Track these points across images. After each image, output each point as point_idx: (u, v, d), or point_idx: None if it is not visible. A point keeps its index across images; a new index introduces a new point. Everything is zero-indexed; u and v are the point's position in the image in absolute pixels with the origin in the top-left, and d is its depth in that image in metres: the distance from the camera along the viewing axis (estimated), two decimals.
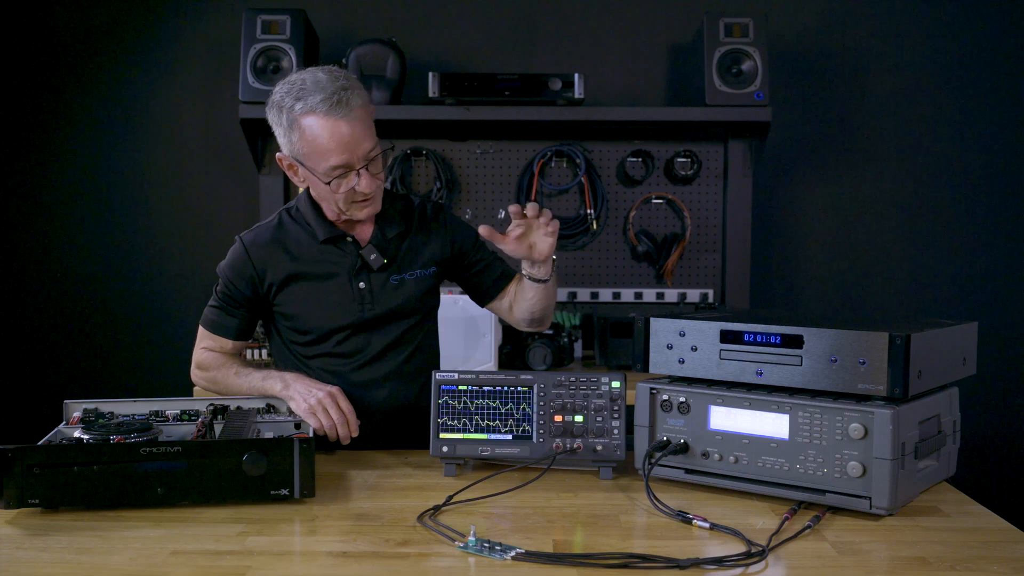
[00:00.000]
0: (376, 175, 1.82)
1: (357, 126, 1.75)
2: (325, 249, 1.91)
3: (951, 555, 1.28)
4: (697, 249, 3.44)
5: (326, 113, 1.73)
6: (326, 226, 1.91)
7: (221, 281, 1.95)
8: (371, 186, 1.80)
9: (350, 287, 1.91)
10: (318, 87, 1.74)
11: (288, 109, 1.76)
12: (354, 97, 1.75)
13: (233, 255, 1.94)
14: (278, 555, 1.29)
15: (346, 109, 1.73)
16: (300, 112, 1.75)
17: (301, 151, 1.79)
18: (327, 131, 1.74)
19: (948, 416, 1.58)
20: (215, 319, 1.97)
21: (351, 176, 1.78)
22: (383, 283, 1.93)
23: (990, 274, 3.48)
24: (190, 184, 3.47)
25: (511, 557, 1.26)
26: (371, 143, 1.78)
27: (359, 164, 1.78)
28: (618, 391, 1.65)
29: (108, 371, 3.47)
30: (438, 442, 1.66)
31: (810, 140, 3.49)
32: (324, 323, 1.92)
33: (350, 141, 1.75)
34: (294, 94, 1.76)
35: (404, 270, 1.95)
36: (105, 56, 3.45)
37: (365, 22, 3.44)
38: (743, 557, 1.26)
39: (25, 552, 1.30)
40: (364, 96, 1.79)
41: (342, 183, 1.79)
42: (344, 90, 1.74)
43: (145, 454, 1.44)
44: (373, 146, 1.79)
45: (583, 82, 3.14)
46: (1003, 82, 3.45)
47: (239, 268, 1.92)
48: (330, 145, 1.74)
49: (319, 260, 1.91)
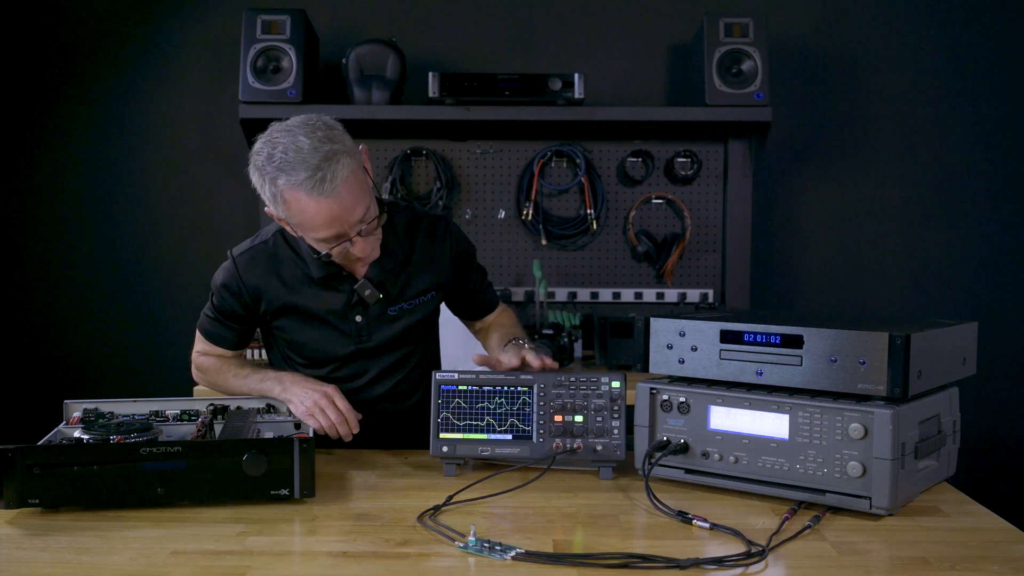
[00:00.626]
0: (371, 234, 1.72)
1: (346, 199, 1.64)
2: (320, 284, 1.85)
3: (951, 555, 1.28)
4: (697, 249, 3.44)
5: (310, 191, 1.61)
6: (321, 265, 1.81)
7: (216, 296, 1.91)
8: (366, 250, 1.72)
9: (346, 321, 1.88)
10: (300, 159, 1.61)
11: (271, 181, 1.65)
12: (339, 168, 1.62)
13: (226, 275, 1.88)
14: (278, 555, 1.29)
15: (331, 185, 1.61)
16: (284, 187, 1.63)
17: (293, 222, 1.71)
18: (313, 209, 1.63)
19: (948, 416, 1.58)
20: (211, 329, 1.95)
21: (344, 243, 1.70)
22: (380, 314, 1.89)
23: (990, 274, 3.48)
24: (190, 184, 3.47)
25: (511, 557, 1.26)
26: (362, 208, 1.67)
27: (352, 232, 1.68)
28: (618, 391, 1.65)
29: (108, 371, 3.47)
30: (438, 442, 1.66)
31: (810, 140, 3.49)
32: (320, 353, 1.90)
33: (339, 216, 1.65)
34: (276, 164, 1.63)
35: (403, 299, 1.90)
36: (105, 56, 3.45)
37: (365, 22, 3.44)
38: (743, 557, 1.26)
39: (25, 552, 1.30)
40: (351, 159, 1.65)
41: (339, 250, 1.72)
42: (328, 161, 1.61)
43: (145, 454, 1.44)
44: (365, 210, 1.68)
45: (583, 82, 3.14)
46: (1003, 82, 3.45)
47: (233, 289, 1.87)
48: (318, 221, 1.65)
49: (314, 295, 1.85)
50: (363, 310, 1.87)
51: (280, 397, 1.80)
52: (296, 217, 1.68)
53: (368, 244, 1.72)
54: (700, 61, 3.16)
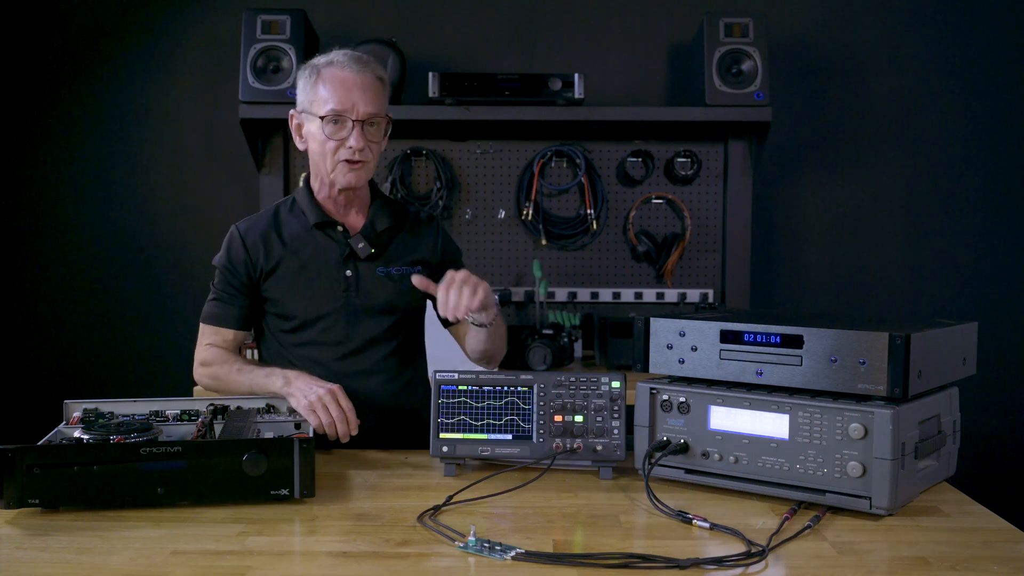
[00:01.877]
0: (371, 141, 1.90)
1: (366, 84, 1.88)
2: (316, 235, 1.99)
3: (951, 555, 1.28)
4: (697, 249, 3.44)
5: (342, 66, 1.89)
6: (319, 212, 1.99)
7: (218, 272, 2.01)
8: (361, 143, 1.88)
9: (337, 273, 1.97)
10: (347, 53, 1.92)
11: (315, 64, 1.92)
12: (374, 66, 1.91)
13: (229, 242, 2.01)
14: (278, 555, 1.29)
15: (361, 66, 1.89)
16: (323, 64, 1.90)
17: (311, 98, 1.90)
18: (337, 78, 1.88)
19: (948, 416, 1.58)
20: (215, 311, 2.01)
21: (344, 126, 1.88)
22: (370, 273, 1.98)
23: (990, 274, 3.48)
24: (190, 184, 3.47)
25: (511, 557, 1.26)
26: (374, 108, 1.89)
27: (355, 117, 1.87)
28: (618, 391, 1.65)
29: (108, 371, 3.47)
30: (438, 442, 1.66)
31: (810, 140, 3.49)
32: (309, 308, 1.97)
33: (353, 90, 1.86)
34: (323, 55, 1.93)
35: (391, 264, 2.01)
36: (105, 56, 3.45)
37: (365, 22, 3.44)
38: (743, 557, 1.26)
39: (25, 552, 1.30)
40: (384, 75, 1.94)
41: (336, 131, 1.88)
42: (367, 59, 1.92)
43: (145, 454, 1.44)
44: (376, 112, 1.89)
45: (583, 82, 3.14)
46: (1003, 82, 3.45)
47: (234, 253, 1.98)
48: (334, 88, 1.87)
49: (309, 245, 1.98)
50: (353, 264, 1.98)
51: (282, 391, 1.80)
52: (318, 91, 1.88)
53: (363, 139, 1.88)
54: (700, 61, 3.16)
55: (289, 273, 1.97)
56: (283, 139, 3.35)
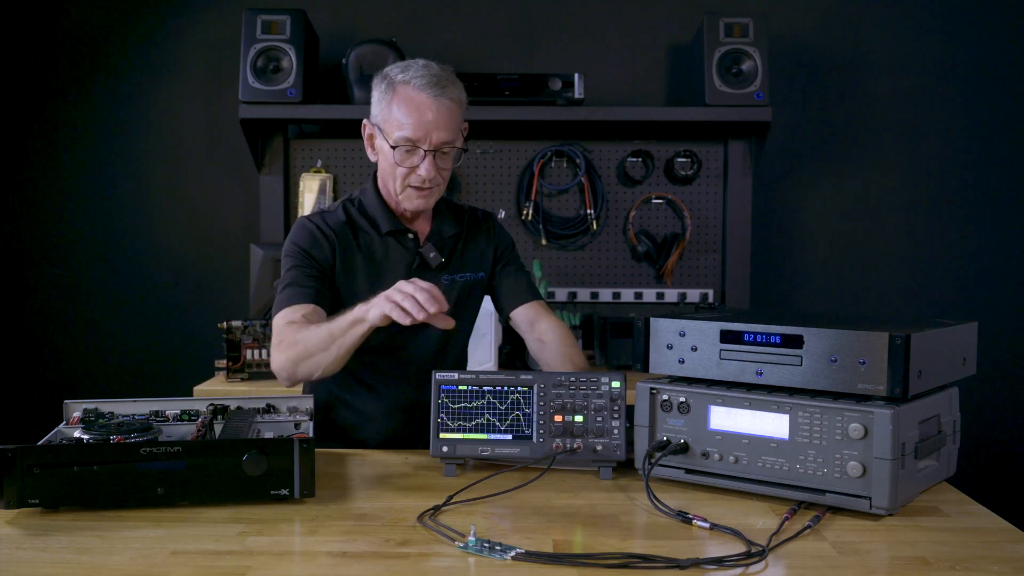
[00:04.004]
0: (441, 170, 1.87)
1: (442, 111, 1.82)
2: (386, 242, 1.95)
3: (951, 555, 1.28)
4: (697, 249, 3.44)
5: (420, 88, 1.81)
6: (391, 219, 1.95)
7: (294, 258, 1.90)
8: (431, 173, 1.84)
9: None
10: (426, 69, 1.84)
11: (391, 76, 1.85)
12: (452, 89, 1.85)
13: (307, 230, 1.92)
14: (278, 555, 1.29)
15: (439, 91, 1.82)
16: (400, 81, 1.84)
17: (386, 116, 1.85)
18: (413, 103, 1.82)
19: (948, 416, 1.58)
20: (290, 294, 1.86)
21: (416, 154, 1.84)
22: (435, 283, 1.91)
23: (990, 274, 3.48)
24: (190, 184, 3.47)
25: (511, 557, 1.26)
26: (448, 136, 1.84)
27: (427, 147, 1.83)
28: (618, 391, 1.65)
29: (108, 371, 3.47)
30: (438, 442, 1.66)
31: (810, 140, 3.49)
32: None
33: (429, 120, 1.81)
34: (402, 67, 1.86)
35: (456, 272, 1.99)
36: (105, 56, 3.45)
37: (365, 22, 3.44)
38: (743, 557, 1.26)
39: (25, 552, 1.30)
40: (461, 97, 1.88)
41: (406, 157, 1.84)
42: (446, 80, 1.84)
43: (145, 454, 1.44)
44: (449, 139, 1.85)
45: (583, 82, 3.14)
46: (1003, 82, 3.45)
47: (318, 240, 1.91)
48: (410, 116, 1.82)
49: (380, 250, 1.95)
50: (421, 273, 1.93)
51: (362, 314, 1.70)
52: (393, 111, 1.83)
53: (433, 168, 1.84)
54: (700, 61, 3.16)
55: (359, 277, 1.93)
56: (283, 139, 3.35)
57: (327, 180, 3.36)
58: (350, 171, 3.40)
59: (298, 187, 3.35)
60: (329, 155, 3.40)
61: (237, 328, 2.76)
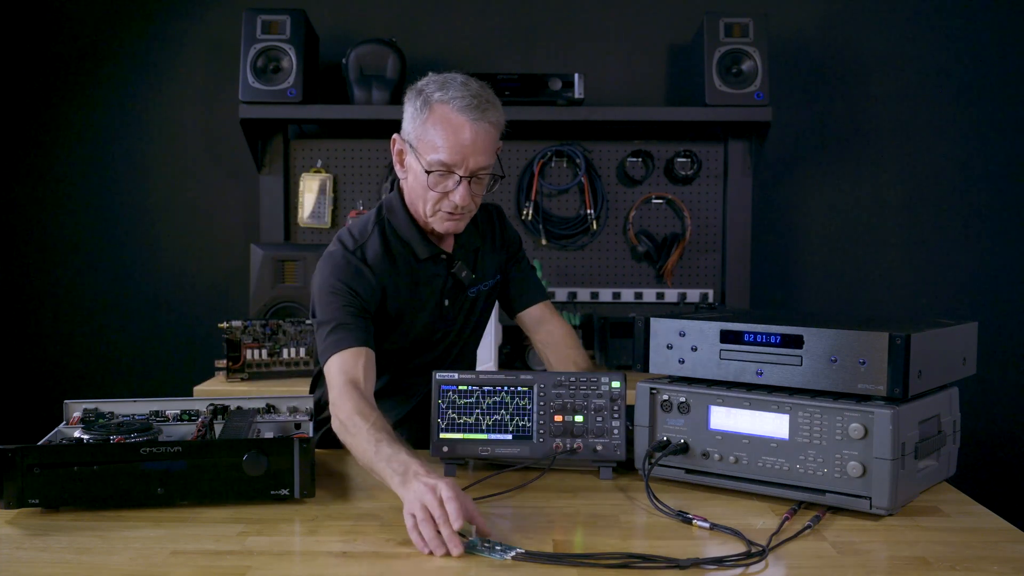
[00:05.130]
0: (475, 195, 1.77)
1: (480, 136, 1.72)
2: (422, 265, 1.86)
3: (951, 555, 1.28)
4: (697, 249, 3.44)
5: (459, 109, 1.70)
6: (426, 245, 1.84)
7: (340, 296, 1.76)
8: (465, 200, 1.74)
9: (436, 306, 1.89)
10: (465, 88, 1.73)
11: (428, 93, 1.74)
12: (492, 112, 1.74)
13: (351, 265, 1.79)
14: (278, 555, 1.29)
15: (478, 114, 1.71)
16: (437, 100, 1.72)
17: (420, 135, 1.74)
18: (451, 125, 1.70)
19: (948, 416, 1.58)
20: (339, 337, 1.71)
21: (451, 179, 1.73)
22: (464, 298, 1.93)
23: (990, 274, 3.48)
24: (190, 184, 3.47)
25: (511, 557, 1.26)
26: (485, 159, 1.74)
27: (463, 172, 1.72)
28: (618, 391, 1.65)
29: (108, 371, 3.47)
30: (438, 442, 1.66)
31: (810, 140, 3.49)
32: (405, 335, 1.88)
33: (466, 145, 1.71)
34: (439, 83, 1.75)
35: (480, 282, 1.95)
36: (105, 56, 3.45)
37: (365, 22, 3.44)
38: (743, 557, 1.26)
39: (25, 552, 1.30)
40: (500, 119, 1.78)
41: (440, 182, 1.74)
42: (486, 102, 1.73)
43: (145, 454, 1.44)
44: (485, 165, 1.75)
45: (583, 82, 3.14)
46: (1003, 82, 3.45)
47: (363, 276, 1.79)
48: (447, 139, 1.71)
49: (417, 276, 1.86)
50: (453, 294, 1.90)
51: (397, 491, 1.42)
52: (428, 131, 1.72)
53: (468, 195, 1.74)
54: (700, 61, 3.16)
55: (399, 302, 1.84)
56: (283, 139, 3.35)
57: (327, 180, 3.36)
58: (350, 171, 3.40)
59: (298, 187, 3.35)
60: (329, 155, 3.40)
61: (237, 328, 2.76)
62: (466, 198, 1.74)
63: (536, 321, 2.05)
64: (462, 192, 1.73)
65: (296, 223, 3.36)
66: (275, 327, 2.80)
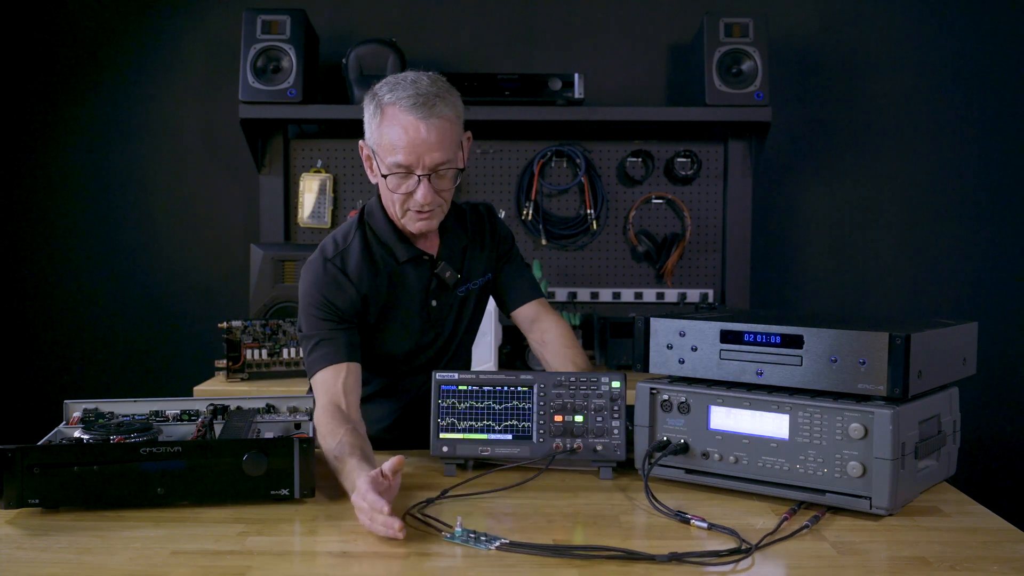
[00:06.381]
0: (440, 192, 1.76)
1: (432, 133, 1.71)
2: (404, 268, 1.87)
3: (951, 555, 1.28)
4: (697, 249, 3.44)
5: (408, 109, 1.70)
6: (406, 247, 1.86)
7: (320, 309, 1.79)
8: (427, 198, 1.74)
9: (424, 305, 1.89)
10: (413, 87, 1.72)
11: (380, 96, 1.75)
12: (442, 106, 1.72)
13: (329, 276, 1.81)
14: (278, 555, 1.29)
15: (427, 111, 1.70)
16: (387, 102, 1.73)
17: (377, 140, 1.76)
18: (401, 126, 1.71)
19: (948, 416, 1.58)
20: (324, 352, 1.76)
21: (411, 180, 1.74)
22: (451, 299, 1.93)
23: (990, 274, 3.48)
24: (190, 184, 3.47)
25: (495, 547, 1.29)
26: (442, 156, 1.72)
27: (421, 171, 1.72)
28: (618, 391, 1.65)
29: (108, 371, 3.47)
30: (438, 442, 1.66)
31: (810, 140, 3.49)
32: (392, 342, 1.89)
33: (420, 144, 1.70)
34: (390, 84, 1.75)
35: (467, 281, 1.95)
36: (105, 56, 3.45)
37: (365, 22, 3.44)
38: (727, 553, 1.26)
39: (25, 552, 1.30)
40: (454, 111, 1.75)
41: (401, 183, 1.75)
42: (436, 96, 1.71)
43: (145, 454, 1.44)
44: (443, 161, 1.73)
45: (583, 82, 3.14)
46: (1003, 82, 3.45)
47: (342, 288, 1.81)
48: (400, 141, 1.71)
49: (399, 279, 1.87)
50: (439, 294, 1.90)
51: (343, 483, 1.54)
52: (384, 136, 1.73)
53: (430, 192, 1.74)
54: (700, 61, 3.16)
55: (381, 306, 1.86)
56: (283, 139, 3.35)
57: (327, 180, 3.36)
58: (350, 171, 3.40)
59: (298, 187, 3.35)
60: (329, 155, 3.40)
61: (237, 328, 2.76)
62: (428, 196, 1.74)
63: (530, 320, 2.05)
64: (423, 191, 1.74)
65: (296, 223, 3.36)
66: (275, 327, 2.81)
